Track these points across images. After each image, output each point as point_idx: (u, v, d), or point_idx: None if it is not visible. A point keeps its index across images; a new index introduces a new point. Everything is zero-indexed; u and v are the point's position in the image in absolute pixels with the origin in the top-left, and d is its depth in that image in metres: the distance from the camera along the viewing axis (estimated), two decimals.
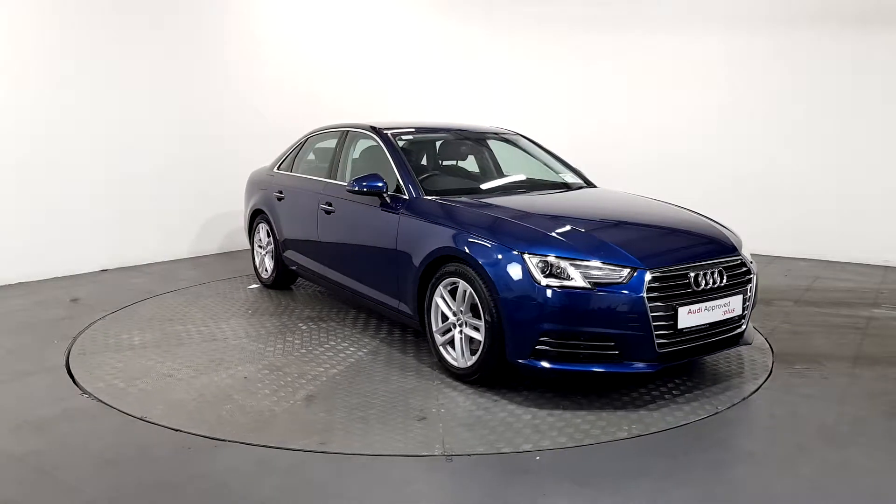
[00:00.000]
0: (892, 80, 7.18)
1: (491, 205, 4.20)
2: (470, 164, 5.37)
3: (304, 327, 4.86)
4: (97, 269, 6.66)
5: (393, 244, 4.26)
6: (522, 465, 2.97)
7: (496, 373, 3.69)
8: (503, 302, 3.47)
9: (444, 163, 5.21)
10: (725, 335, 3.74)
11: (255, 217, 6.12)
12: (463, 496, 2.78)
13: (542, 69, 9.23)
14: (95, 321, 4.97)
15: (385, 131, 4.89)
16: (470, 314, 3.75)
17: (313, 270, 5.28)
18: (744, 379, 3.97)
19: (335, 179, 5.11)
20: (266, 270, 6.04)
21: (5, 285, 6.00)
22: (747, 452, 3.14)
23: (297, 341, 4.56)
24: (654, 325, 3.39)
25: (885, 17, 7.16)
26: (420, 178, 4.49)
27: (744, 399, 3.69)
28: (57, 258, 6.35)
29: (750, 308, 3.89)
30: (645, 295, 3.37)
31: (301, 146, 5.87)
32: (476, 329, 3.70)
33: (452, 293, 3.85)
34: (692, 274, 3.56)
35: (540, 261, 3.44)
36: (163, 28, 6.94)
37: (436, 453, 3.07)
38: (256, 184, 6.18)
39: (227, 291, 5.92)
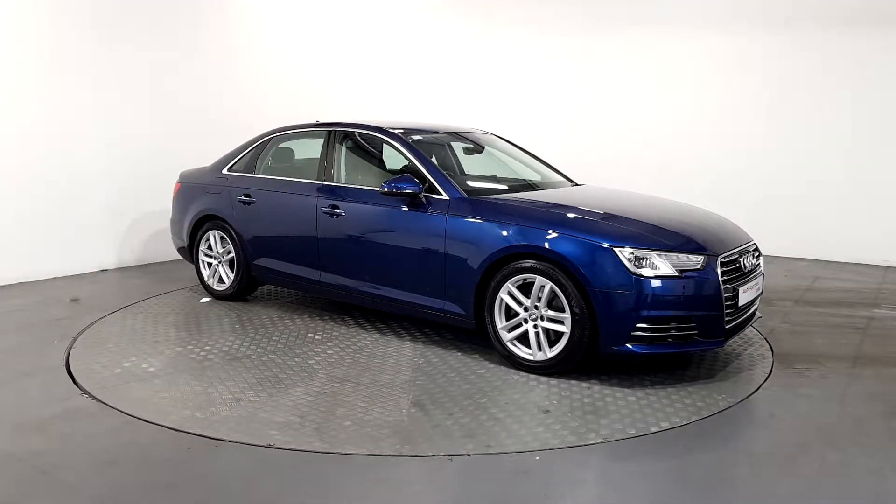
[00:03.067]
0: (892, 80, 7.19)
1: (544, 202, 4.31)
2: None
3: (318, 338, 4.64)
4: (97, 269, 6.67)
5: (440, 245, 4.22)
6: (522, 464, 2.97)
7: (580, 362, 3.85)
8: (597, 294, 3.67)
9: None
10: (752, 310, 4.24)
11: (203, 224, 5.59)
12: (463, 496, 2.78)
13: (542, 69, 9.22)
14: (95, 321, 4.97)
15: (394, 131, 4.83)
16: (546, 308, 3.85)
17: (305, 277, 5.00)
18: (744, 379, 3.98)
19: (332, 181, 4.89)
20: (222, 281, 5.53)
21: (5, 285, 6.00)
22: (747, 452, 3.14)
23: (329, 352, 4.36)
24: (725, 305, 3.77)
25: (886, 17, 7.16)
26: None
27: (744, 399, 3.69)
28: (57, 258, 6.35)
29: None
30: (720, 278, 3.75)
31: (264, 146, 5.47)
32: (557, 322, 3.84)
33: (521, 289, 3.94)
34: (741, 258, 4.02)
35: (630, 253, 3.68)
36: (162, 27, 6.95)
37: (599, 441, 3.18)
38: (200, 187, 5.65)
39: (181, 306, 5.41)
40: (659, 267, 3.67)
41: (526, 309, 3.94)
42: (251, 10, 7.91)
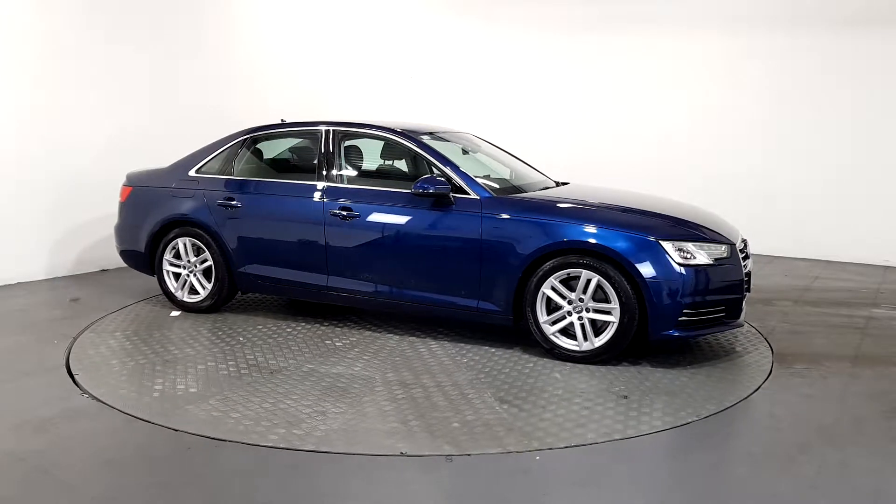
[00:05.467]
0: (892, 80, 7.19)
1: (577, 199, 4.52)
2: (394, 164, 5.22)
3: (339, 344, 4.51)
4: (97, 269, 6.67)
5: (474, 244, 4.26)
6: (522, 464, 2.97)
7: (624, 349, 4.09)
8: (648, 285, 3.92)
9: (386, 162, 5.10)
10: None
11: (168, 231, 5.18)
12: (463, 496, 2.77)
13: (540, 69, 9.20)
14: (95, 321, 4.97)
15: (408, 132, 4.78)
16: (591, 300, 4.06)
17: (308, 283, 4.79)
18: (744, 379, 3.98)
19: (335, 182, 4.73)
20: (195, 292, 5.15)
21: (5, 285, 6.00)
22: (747, 452, 3.14)
23: (365, 357, 4.25)
24: (744, 288, 4.18)
25: (885, 17, 7.16)
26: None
27: (744, 399, 3.69)
28: (57, 258, 6.36)
29: None
30: (742, 264, 4.16)
31: (238, 147, 5.16)
32: (603, 313, 4.04)
33: (564, 283, 4.12)
34: (744, 246, 4.40)
35: (672, 245, 3.96)
36: (163, 27, 6.95)
37: (694, 419, 3.40)
38: (161, 190, 5.25)
39: (159, 319, 5.03)
40: (697, 257, 3.98)
41: (570, 302, 4.08)
42: (251, 10, 7.92)
